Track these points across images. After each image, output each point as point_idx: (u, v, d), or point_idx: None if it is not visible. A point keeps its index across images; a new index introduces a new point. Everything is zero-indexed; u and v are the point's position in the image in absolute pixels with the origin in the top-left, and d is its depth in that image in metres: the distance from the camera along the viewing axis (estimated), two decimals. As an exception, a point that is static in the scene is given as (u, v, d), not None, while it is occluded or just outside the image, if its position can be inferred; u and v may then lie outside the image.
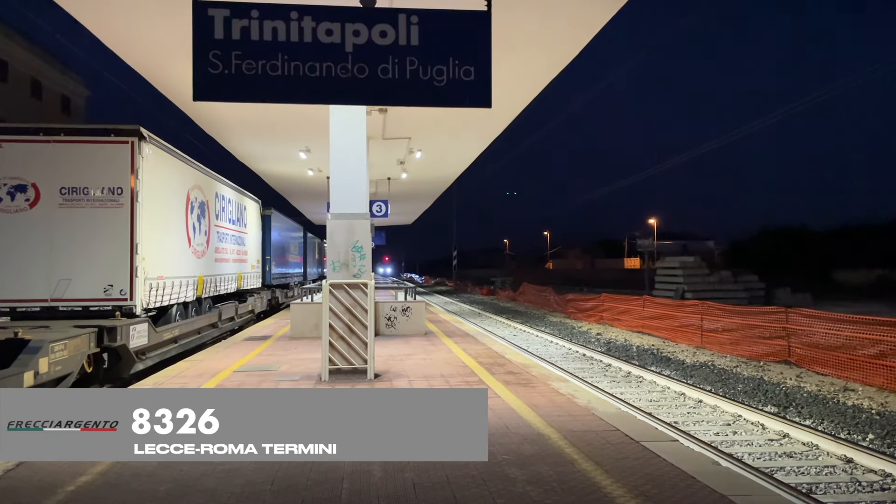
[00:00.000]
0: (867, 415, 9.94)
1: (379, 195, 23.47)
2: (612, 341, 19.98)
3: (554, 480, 4.70)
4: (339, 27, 5.22)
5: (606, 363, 15.70)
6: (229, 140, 16.72)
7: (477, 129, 16.09)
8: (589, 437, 5.86)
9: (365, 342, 8.77)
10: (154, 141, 11.37)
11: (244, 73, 5.10)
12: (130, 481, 4.71)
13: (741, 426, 9.53)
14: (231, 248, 18.28)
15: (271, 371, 9.50)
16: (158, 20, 8.87)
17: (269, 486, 4.61)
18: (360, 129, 9.56)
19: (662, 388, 12.47)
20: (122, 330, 10.13)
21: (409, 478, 4.75)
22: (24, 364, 7.96)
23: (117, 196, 10.52)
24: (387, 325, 14.45)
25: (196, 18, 5.07)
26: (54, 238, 10.33)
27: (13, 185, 10.27)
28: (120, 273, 10.51)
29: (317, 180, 21.15)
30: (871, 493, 6.83)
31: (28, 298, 10.25)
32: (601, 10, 8.90)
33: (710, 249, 72.47)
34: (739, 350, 15.92)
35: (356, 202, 9.52)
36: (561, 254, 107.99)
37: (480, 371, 9.55)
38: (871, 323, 12.56)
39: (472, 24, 5.43)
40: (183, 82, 10.80)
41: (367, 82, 5.24)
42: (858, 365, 12.19)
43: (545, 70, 11.47)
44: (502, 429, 6.09)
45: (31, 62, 29.17)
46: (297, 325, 14.02)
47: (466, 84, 5.36)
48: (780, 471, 7.46)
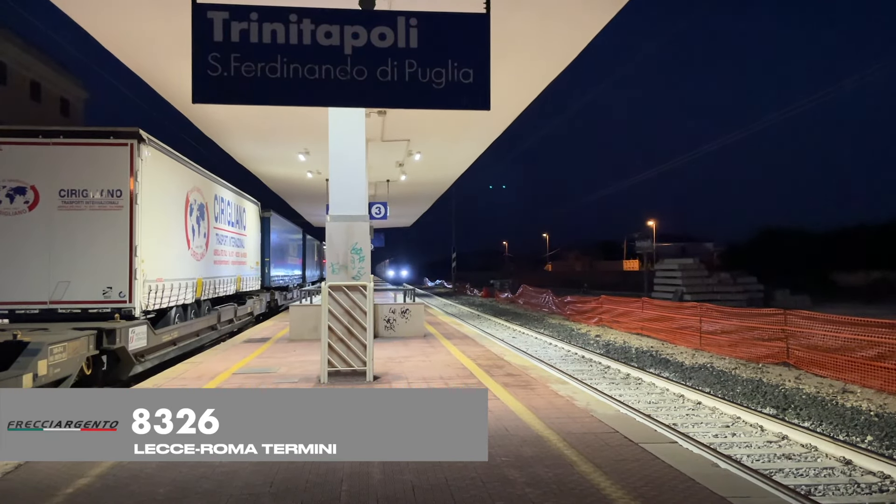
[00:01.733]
0: (866, 416, 9.95)
1: (378, 197, 23.49)
2: (610, 343, 19.99)
3: (553, 482, 4.71)
4: (338, 30, 5.24)
5: (605, 365, 15.71)
6: (228, 142, 16.74)
7: (476, 132, 16.12)
8: (588, 438, 5.86)
9: (364, 344, 8.77)
10: (153, 143, 11.37)
11: (243, 76, 5.12)
12: (129, 483, 4.70)
13: (740, 428, 9.53)
14: (230, 250, 18.28)
15: (270, 373, 9.50)
16: (157, 22, 8.89)
17: (268, 488, 4.61)
18: (359, 131, 9.57)
19: (661, 390, 12.48)
20: (121, 332, 10.12)
21: (409, 479, 4.75)
22: (23, 366, 7.95)
23: (116, 198, 10.52)
24: (385, 328, 14.45)
25: (195, 20, 5.09)
26: (53, 240, 10.32)
27: (12, 188, 10.27)
28: (119, 275, 10.51)
29: (316, 182, 21.16)
30: (869, 494, 6.84)
31: (27, 301, 10.24)
32: (599, 13, 8.93)
33: (708, 251, 72.49)
34: (738, 352, 15.92)
35: (355, 204, 9.53)
36: (560, 256, 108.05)
37: (479, 373, 9.55)
38: (869, 325, 12.57)
39: (470, 26, 5.45)
40: (182, 84, 10.81)
41: (366, 84, 5.25)
42: (857, 367, 12.19)
43: (544, 72, 11.50)
44: (501, 431, 6.09)
45: (29, 64, 29.16)
46: (296, 328, 14.01)
47: (465, 86, 5.37)
48: (779, 472, 7.46)
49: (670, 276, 38.07)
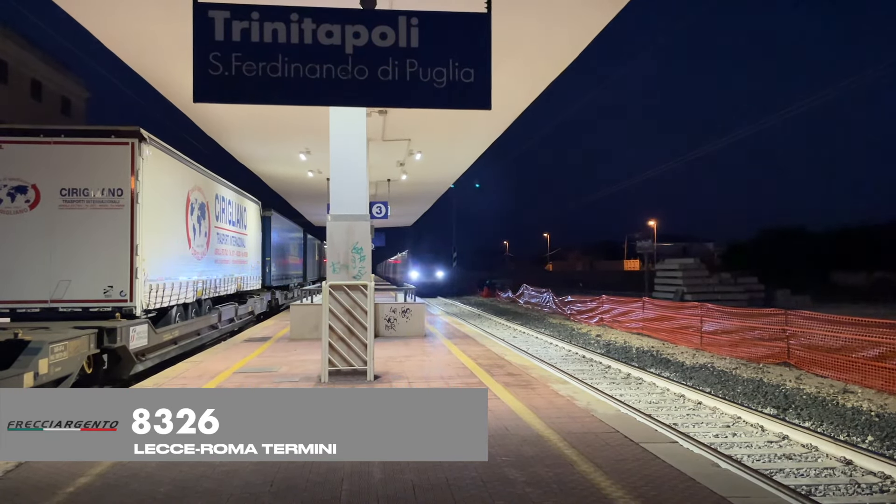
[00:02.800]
0: (866, 417, 9.94)
1: (379, 197, 23.48)
2: (611, 343, 19.98)
3: (553, 482, 4.70)
4: (339, 29, 5.24)
5: (606, 365, 15.70)
6: (229, 141, 16.74)
7: (477, 131, 16.11)
8: (588, 438, 5.86)
9: (364, 343, 8.77)
10: (154, 142, 11.37)
11: (244, 75, 5.12)
12: (129, 482, 4.71)
13: (740, 428, 9.53)
14: (231, 249, 18.28)
15: (271, 372, 9.50)
16: (159, 22, 8.88)
17: (268, 487, 4.61)
18: (360, 130, 9.57)
19: (662, 390, 12.47)
20: (122, 331, 10.13)
21: (409, 479, 4.75)
22: (24, 365, 7.96)
23: (117, 197, 10.52)
24: (386, 327, 14.45)
25: (196, 20, 5.09)
26: (54, 239, 10.32)
27: (13, 187, 10.27)
28: (120, 274, 10.51)
29: (317, 182, 21.16)
30: (870, 494, 6.84)
31: (28, 299, 10.24)
32: (601, 13, 8.92)
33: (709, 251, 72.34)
34: (739, 352, 15.92)
35: (356, 203, 9.53)
36: (560, 255, 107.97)
37: (480, 373, 9.55)
38: (870, 325, 12.57)
39: (471, 26, 5.45)
40: (183, 84, 10.82)
41: (367, 84, 5.25)
42: (858, 367, 12.19)
43: (545, 72, 11.49)
44: (502, 430, 6.09)
45: (31, 63, 29.20)
46: (297, 327, 14.01)
47: (466, 86, 5.37)
48: (780, 472, 7.46)
49: (671, 275, 38.09)
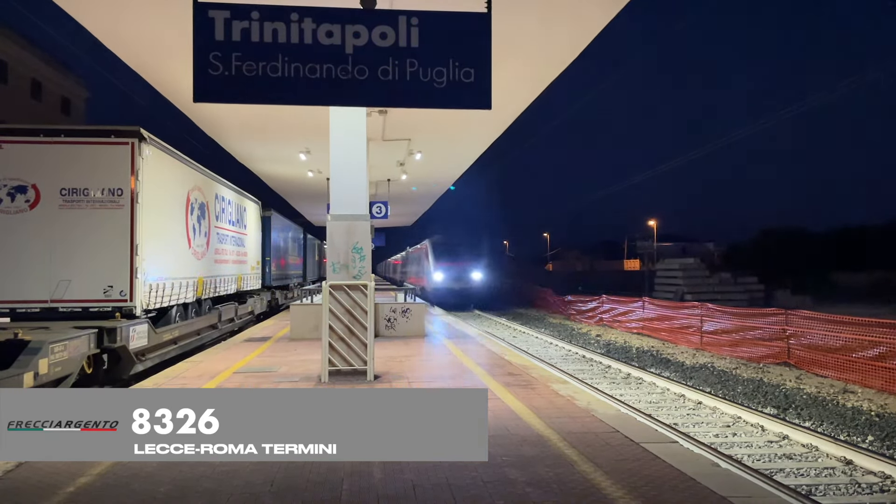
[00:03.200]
0: (866, 416, 9.94)
1: (379, 196, 23.48)
2: (611, 343, 19.98)
3: (554, 482, 4.70)
4: (339, 29, 5.23)
5: (606, 365, 15.70)
6: (229, 141, 16.73)
7: (477, 131, 16.10)
8: (589, 438, 5.86)
9: (365, 343, 8.77)
10: (154, 142, 11.37)
11: (244, 75, 5.11)
12: (130, 482, 4.70)
13: (741, 428, 9.53)
14: (231, 249, 18.27)
15: (271, 372, 9.50)
16: (158, 21, 8.89)
17: (268, 487, 4.61)
18: (360, 130, 9.57)
19: (662, 390, 12.47)
20: (122, 331, 10.12)
21: (409, 479, 4.75)
22: (24, 365, 7.95)
23: (117, 197, 10.51)
24: (386, 327, 14.45)
25: (196, 20, 5.08)
26: (54, 239, 10.31)
27: (13, 187, 10.26)
28: (120, 274, 10.50)
29: (317, 182, 21.17)
30: (870, 494, 6.84)
31: (28, 299, 10.23)
32: (601, 13, 8.92)
33: (709, 251, 72.45)
34: (739, 352, 15.92)
35: (356, 203, 9.53)
36: (560, 255, 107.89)
37: (480, 373, 9.55)
38: (870, 325, 12.57)
39: (472, 25, 5.44)
40: (183, 83, 10.82)
41: (367, 84, 5.25)
42: (858, 367, 12.19)
43: (545, 72, 11.49)
44: (502, 430, 6.09)
45: (30, 63, 29.20)
46: (297, 327, 14.01)
47: (466, 86, 5.37)
48: (780, 472, 7.46)
49: (671, 275, 38.11)
